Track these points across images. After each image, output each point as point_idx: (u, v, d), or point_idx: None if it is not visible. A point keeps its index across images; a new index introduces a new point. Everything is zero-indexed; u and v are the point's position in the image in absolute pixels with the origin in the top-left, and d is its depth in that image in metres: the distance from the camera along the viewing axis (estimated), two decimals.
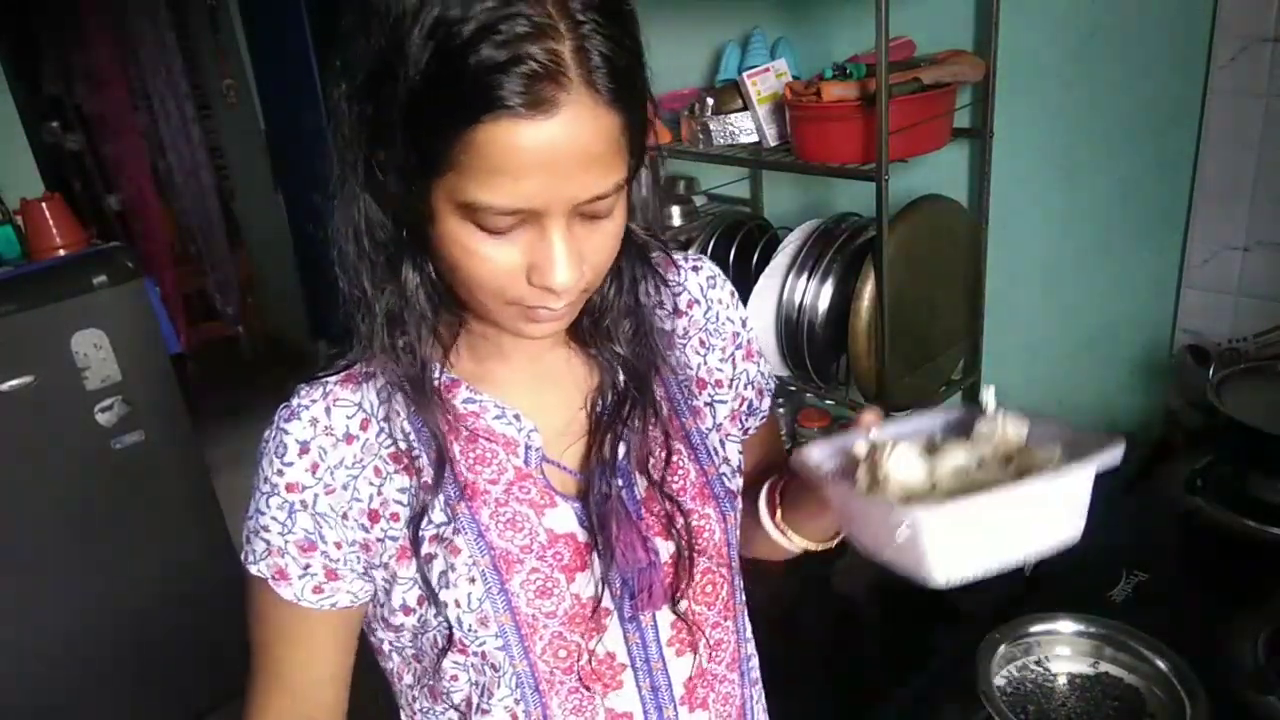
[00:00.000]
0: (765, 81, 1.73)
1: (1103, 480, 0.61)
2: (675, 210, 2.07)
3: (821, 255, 1.73)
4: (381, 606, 0.73)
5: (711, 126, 1.83)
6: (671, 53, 2.16)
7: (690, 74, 2.16)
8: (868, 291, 1.62)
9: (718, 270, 0.85)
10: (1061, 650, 1.06)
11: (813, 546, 0.80)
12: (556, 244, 0.59)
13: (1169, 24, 1.52)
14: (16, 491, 2.05)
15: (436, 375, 0.71)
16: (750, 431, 0.88)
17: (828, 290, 1.72)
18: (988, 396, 0.70)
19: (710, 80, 2.07)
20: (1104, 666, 1.04)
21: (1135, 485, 1.44)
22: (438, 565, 0.69)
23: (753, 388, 0.86)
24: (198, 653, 2.28)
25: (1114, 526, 1.35)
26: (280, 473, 0.68)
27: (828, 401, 2.04)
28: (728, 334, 0.84)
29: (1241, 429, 1.23)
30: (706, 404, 0.81)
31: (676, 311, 0.81)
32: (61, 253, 2.24)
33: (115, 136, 4.33)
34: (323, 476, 0.68)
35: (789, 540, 0.80)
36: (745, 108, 1.78)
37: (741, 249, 1.99)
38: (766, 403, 0.89)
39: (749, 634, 0.86)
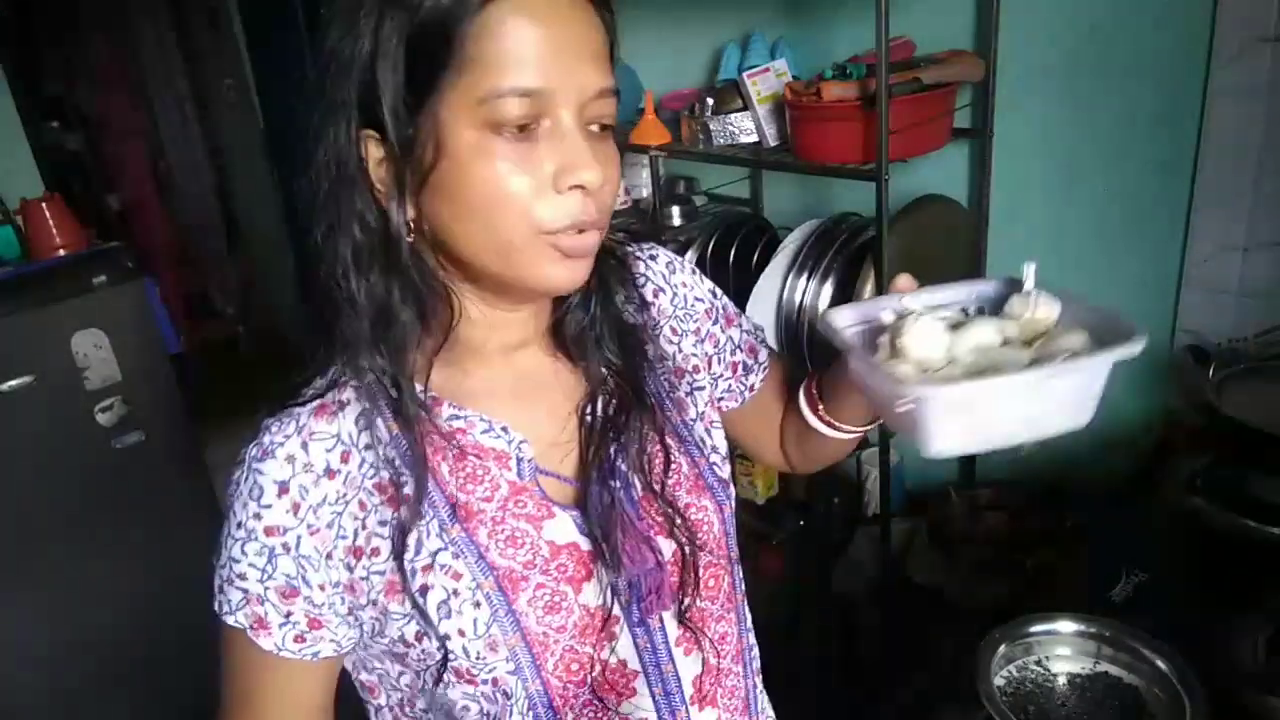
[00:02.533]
0: (765, 81, 1.73)
1: (1102, 480, 0.61)
2: (675, 210, 2.06)
3: (821, 255, 1.73)
4: (372, 646, 0.70)
5: (711, 126, 1.82)
6: (671, 53, 2.16)
7: (690, 74, 2.16)
8: (868, 292, 1.62)
9: (673, 255, 0.86)
10: (1061, 650, 1.06)
11: (859, 430, 0.83)
12: (580, 139, 0.61)
13: (1169, 24, 1.52)
14: (16, 491, 2.05)
15: (420, 390, 0.68)
16: (755, 388, 0.89)
17: (828, 290, 1.71)
18: (1028, 271, 0.69)
19: (710, 80, 2.07)
20: (1104, 666, 1.04)
21: (1135, 485, 1.44)
22: (436, 595, 0.65)
23: (742, 350, 0.87)
24: (198, 652, 2.25)
25: (1114, 526, 1.35)
26: (258, 516, 0.65)
27: None
28: (699, 313, 0.84)
29: (1241, 429, 1.23)
30: (687, 393, 0.81)
31: (644, 304, 0.80)
32: (61, 253, 2.24)
33: (115, 136, 4.34)
34: (305, 517, 0.64)
35: (837, 431, 0.82)
36: (745, 108, 1.77)
37: (741, 249, 1.98)
38: (763, 355, 0.89)
39: (749, 624, 0.85)
